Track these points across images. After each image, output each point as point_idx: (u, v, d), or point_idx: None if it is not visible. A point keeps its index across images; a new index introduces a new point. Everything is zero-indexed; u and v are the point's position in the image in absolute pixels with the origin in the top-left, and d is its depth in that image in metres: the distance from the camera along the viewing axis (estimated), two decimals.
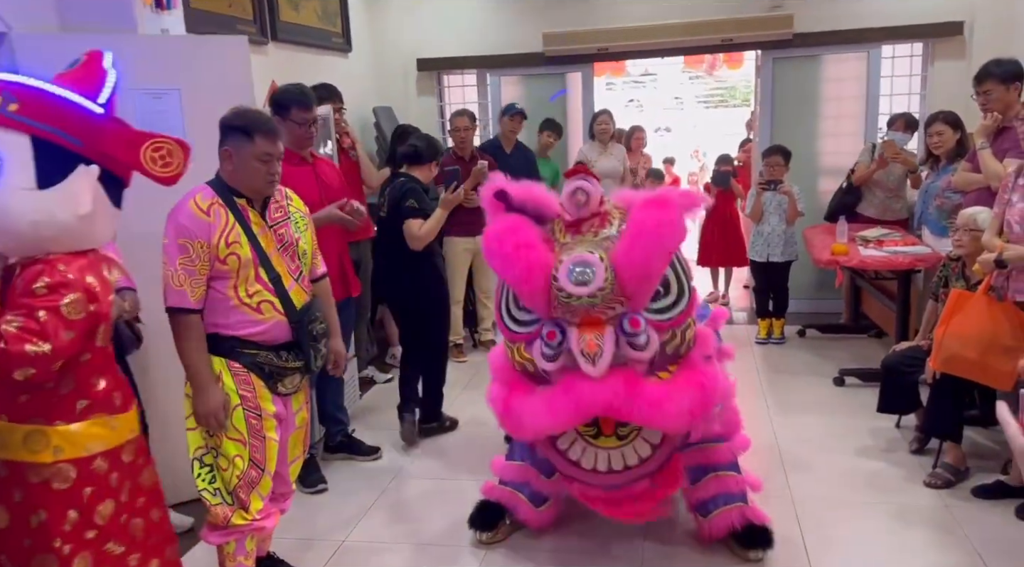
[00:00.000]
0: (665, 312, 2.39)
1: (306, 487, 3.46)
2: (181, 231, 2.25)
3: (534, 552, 2.92)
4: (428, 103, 6.51)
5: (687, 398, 2.34)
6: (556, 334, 2.35)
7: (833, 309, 5.85)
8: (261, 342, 2.36)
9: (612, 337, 2.32)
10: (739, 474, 2.85)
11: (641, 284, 2.32)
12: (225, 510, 2.35)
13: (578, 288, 2.26)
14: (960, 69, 5.38)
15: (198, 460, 2.36)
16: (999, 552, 2.77)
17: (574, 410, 2.34)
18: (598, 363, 2.29)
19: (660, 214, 2.31)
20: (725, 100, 14.02)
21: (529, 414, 2.40)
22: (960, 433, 3.35)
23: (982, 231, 3.16)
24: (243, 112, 2.38)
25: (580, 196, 2.40)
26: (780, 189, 5.18)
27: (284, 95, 3.34)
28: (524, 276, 2.34)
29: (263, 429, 2.36)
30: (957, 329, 3.03)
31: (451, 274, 5.14)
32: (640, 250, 2.29)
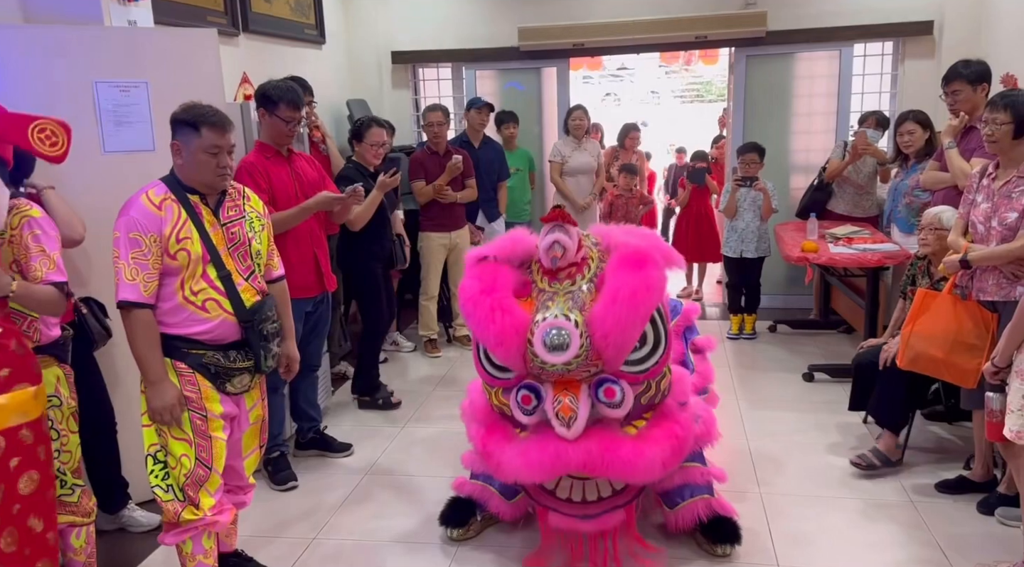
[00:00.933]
0: (640, 364, 2.40)
1: (277, 484, 3.45)
2: (132, 224, 2.23)
3: (505, 548, 2.93)
4: (403, 96, 6.48)
5: (660, 453, 2.37)
6: (531, 400, 2.39)
7: (804, 305, 5.93)
8: (207, 341, 2.33)
9: (587, 399, 2.34)
10: (704, 465, 2.88)
11: (617, 348, 2.32)
12: (176, 506, 2.34)
13: (553, 356, 2.28)
14: (930, 68, 5.46)
15: (152, 456, 2.36)
16: (960, 545, 2.83)
17: (549, 467, 2.37)
18: (572, 427, 2.32)
19: (637, 279, 2.30)
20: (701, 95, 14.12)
21: (506, 464, 2.44)
22: (902, 425, 3.44)
23: (946, 230, 3.21)
24: (191, 106, 2.35)
25: (557, 250, 2.39)
26: (756, 186, 5.22)
27: (275, 90, 3.31)
28: (499, 341, 2.35)
29: (208, 429, 2.34)
30: (923, 328, 3.08)
31: (426, 269, 5.15)
32: (615, 317, 2.28)
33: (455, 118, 6.13)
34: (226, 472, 2.48)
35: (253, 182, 3.25)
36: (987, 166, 2.96)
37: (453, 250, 5.12)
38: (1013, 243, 2.75)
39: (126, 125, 3.07)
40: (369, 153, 4.10)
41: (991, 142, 2.83)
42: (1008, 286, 2.81)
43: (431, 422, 4.15)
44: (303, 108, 3.37)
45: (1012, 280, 2.79)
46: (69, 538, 2.43)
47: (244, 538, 2.88)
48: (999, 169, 2.89)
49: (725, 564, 2.78)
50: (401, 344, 5.36)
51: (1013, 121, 2.75)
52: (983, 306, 2.93)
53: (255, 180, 3.26)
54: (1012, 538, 2.75)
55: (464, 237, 5.17)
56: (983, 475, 3.19)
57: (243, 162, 3.32)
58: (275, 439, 3.53)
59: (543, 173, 6.22)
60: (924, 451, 3.59)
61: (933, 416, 3.89)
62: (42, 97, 2.83)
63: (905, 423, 3.46)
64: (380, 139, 4.14)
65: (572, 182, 5.74)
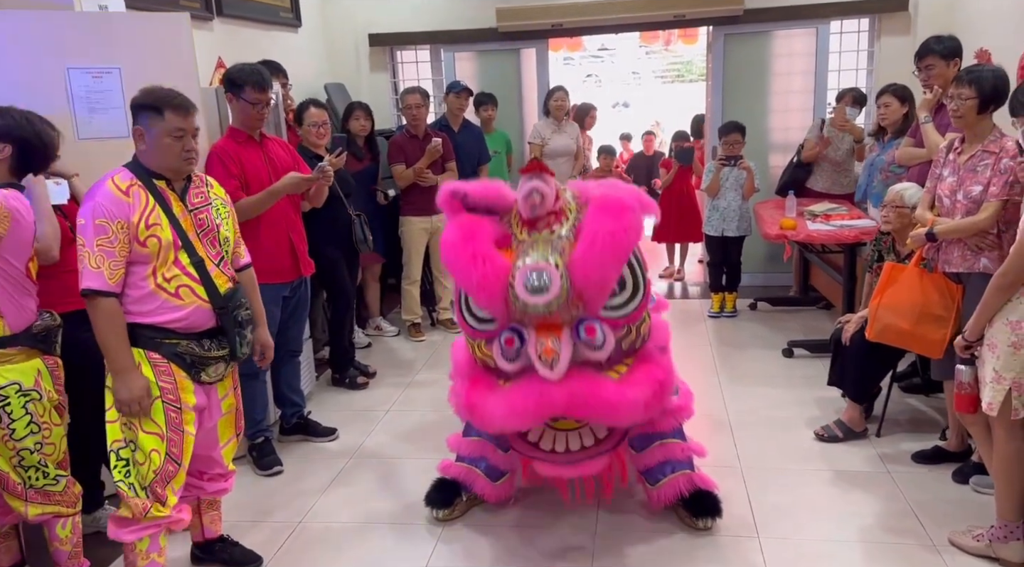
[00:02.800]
0: (620, 309, 2.43)
1: (262, 469, 3.46)
2: (99, 211, 2.19)
3: (490, 527, 2.96)
4: (381, 79, 6.44)
5: (641, 394, 2.41)
6: (514, 341, 2.40)
7: (783, 282, 5.99)
8: (181, 330, 2.30)
9: (569, 340, 2.36)
10: (684, 441, 2.93)
11: (597, 290, 2.36)
12: (143, 503, 2.29)
13: (534, 297, 2.29)
14: (905, 44, 5.49)
15: (115, 453, 2.30)
16: (936, 513, 2.90)
17: (533, 411, 2.39)
18: (555, 368, 2.34)
19: (615, 222, 2.33)
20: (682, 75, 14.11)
21: (490, 413, 2.45)
22: (868, 397, 3.52)
23: (908, 207, 3.27)
24: (152, 89, 2.32)
25: (535, 197, 2.41)
26: (741, 165, 5.25)
27: (239, 73, 3.28)
28: (481, 286, 2.36)
29: (182, 423, 2.32)
30: (890, 300, 3.14)
31: (408, 254, 5.14)
32: (595, 259, 2.31)
33: (434, 101, 6.10)
34: (204, 461, 2.49)
35: (224, 167, 3.22)
36: (954, 141, 3.00)
37: (435, 234, 5.11)
38: (977, 216, 2.80)
39: (100, 111, 3.04)
40: (312, 135, 4.05)
41: (957, 117, 2.86)
42: (972, 258, 2.86)
43: (416, 406, 4.17)
44: (270, 90, 3.34)
45: (976, 252, 2.85)
46: (55, 528, 2.43)
47: (229, 523, 2.89)
48: (965, 143, 2.93)
49: (707, 537, 2.83)
50: (384, 329, 5.36)
51: (977, 96, 2.78)
52: (948, 278, 2.99)
53: (226, 165, 3.24)
54: (986, 505, 2.81)
55: (445, 221, 5.14)
56: (958, 445, 3.25)
57: (214, 147, 3.29)
58: (259, 425, 3.54)
59: (522, 155, 6.21)
60: (900, 422, 3.66)
61: (910, 388, 3.96)
62: (14, 84, 2.80)
63: (872, 396, 3.53)
64: (319, 119, 4.08)
65: (552, 164, 5.72)
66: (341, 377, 4.46)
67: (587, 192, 2.52)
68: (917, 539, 2.76)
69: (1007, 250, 2.75)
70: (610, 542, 2.83)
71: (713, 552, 2.75)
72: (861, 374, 3.47)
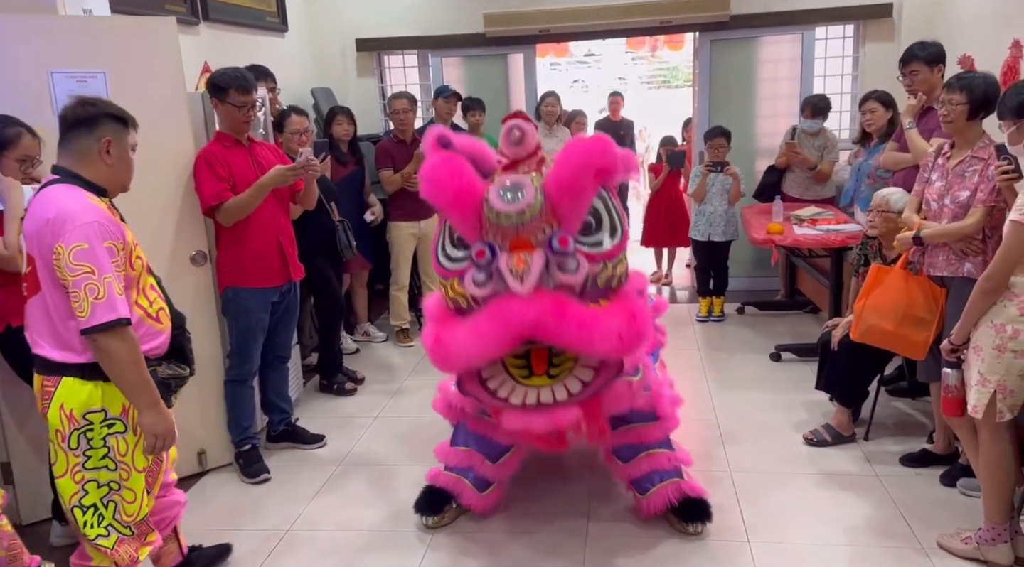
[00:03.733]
0: (597, 246, 2.40)
1: (249, 477, 3.43)
2: (103, 232, 2.02)
3: (480, 534, 2.95)
4: (368, 84, 6.43)
5: (616, 322, 2.29)
6: (485, 252, 2.31)
7: (770, 286, 6.01)
8: (154, 356, 2.18)
9: (541, 257, 2.30)
10: (671, 451, 2.92)
11: (571, 204, 2.32)
12: (128, 549, 2.18)
13: (507, 205, 2.27)
14: (889, 50, 5.54)
15: (78, 507, 2.13)
16: (925, 516, 2.91)
17: (502, 331, 2.26)
18: (526, 280, 2.25)
19: (591, 142, 2.38)
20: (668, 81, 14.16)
21: (456, 343, 2.33)
22: (856, 401, 3.54)
23: (894, 212, 3.30)
24: (103, 101, 2.19)
25: (516, 132, 2.43)
26: (727, 171, 5.28)
27: (222, 77, 3.26)
28: (456, 200, 2.33)
29: (164, 453, 2.22)
30: (875, 302, 3.17)
31: (396, 259, 5.13)
32: (569, 170, 2.31)
33: (422, 106, 6.09)
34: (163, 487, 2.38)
35: (211, 170, 3.21)
36: (943, 145, 3.03)
37: (423, 239, 5.10)
38: (963, 221, 2.82)
39: None
40: (293, 142, 4.02)
41: (947, 122, 2.89)
42: (957, 262, 2.88)
43: (404, 412, 4.15)
44: (254, 92, 3.32)
45: (961, 256, 2.87)
46: None
47: (215, 531, 2.87)
48: (954, 149, 2.95)
49: (697, 542, 2.82)
50: (373, 334, 5.34)
51: (968, 102, 2.81)
52: (933, 281, 3.01)
53: (214, 169, 3.22)
54: (973, 508, 2.82)
55: (433, 226, 5.13)
56: (945, 448, 3.27)
57: (201, 152, 3.28)
58: (245, 432, 3.51)
59: None
60: (888, 426, 3.67)
61: (897, 392, 3.98)
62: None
63: (860, 399, 3.55)
64: (300, 127, 4.06)
65: None
66: (329, 383, 4.44)
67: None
68: (906, 542, 2.77)
69: (991, 255, 2.77)
70: (600, 549, 2.82)
71: (703, 557, 2.74)
72: (849, 378, 3.49)
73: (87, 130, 2.12)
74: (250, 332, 3.41)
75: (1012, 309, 2.43)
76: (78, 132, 2.12)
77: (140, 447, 2.16)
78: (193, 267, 3.35)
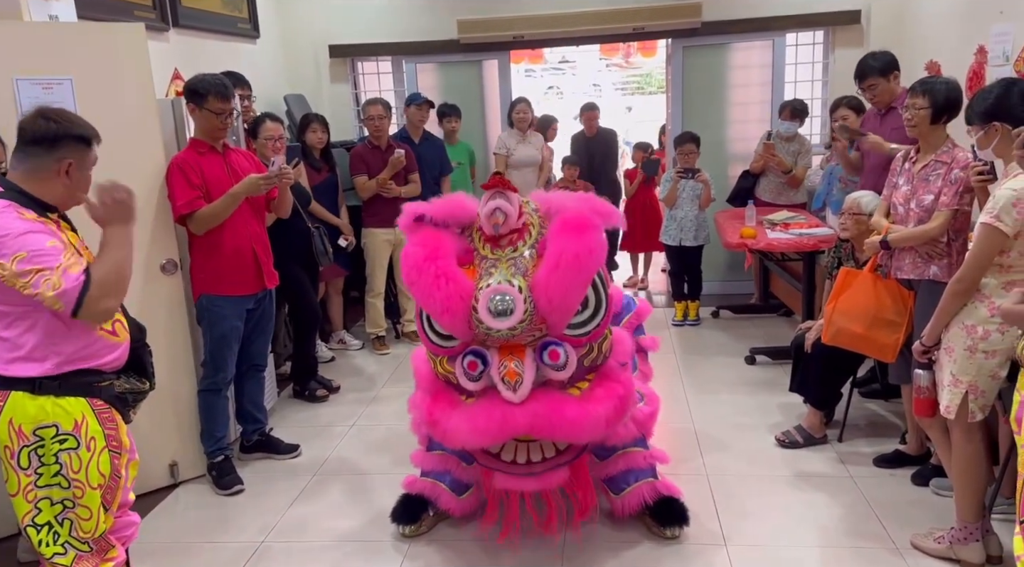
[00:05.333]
0: (582, 327, 2.42)
1: (222, 489, 3.39)
2: (44, 232, 1.98)
3: (457, 542, 2.93)
4: (342, 90, 6.39)
5: (603, 412, 2.41)
6: (477, 365, 2.39)
7: (745, 290, 6.06)
8: (111, 370, 2.14)
9: (532, 363, 2.36)
10: (646, 449, 2.94)
11: (560, 312, 2.35)
12: (90, 562, 2.12)
13: (497, 322, 2.29)
14: (858, 56, 5.47)
15: (32, 526, 2.07)
16: (898, 516, 2.94)
17: (496, 432, 2.39)
18: (519, 390, 2.34)
19: (579, 243, 2.30)
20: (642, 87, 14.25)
21: (453, 429, 2.44)
22: (828, 403, 3.57)
23: (865, 215, 3.34)
24: (69, 118, 2.08)
25: (498, 217, 2.40)
26: (698, 177, 5.32)
27: (201, 84, 3.22)
28: (445, 307, 2.33)
29: (121, 467, 2.16)
30: (844, 305, 3.21)
31: (371, 266, 5.10)
32: (558, 281, 2.29)
33: (396, 112, 6.07)
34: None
35: (184, 177, 3.18)
36: (909, 150, 3.07)
37: (398, 246, 5.06)
38: (928, 225, 2.86)
39: None
40: (267, 148, 3.97)
41: (911, 127, 2.93)
42: (923, 265, 2.92)
43: (380, 420, 4.12)
44: (233, 99, 3.30)
45: (927, 259, 2.92)
46: None
47: (185, 544, 2.82)
48: (919, 153, 2.99)
49: (674, 546, 2.83)
50: (349, 342, 5.30)
51: (931, 106, 2.85)
52: (901, 284, 3.05)
53: (187, 176, 3.19)
54: (946, 507, 2.85)
55: None
56: (917, 448, 3.31)
57: (175, 159, 3.24)
58: (219, 442, 3.46)
59: (485, 166, 6.20)
60: (861, 427, 3.71)
61: (869, 394, 4.02)
62: None
63: (833, 401, 3.59)
64: (275, 133, 4.01)
65: (517, 175, 5.73)
66: (302, 389, 4.41)
67: (549, 205, 2.51)
68: (880, 542, 2.80)
69: (956, 258, 2.82)
70: (576, 553, 2.81)
71: (680, 561, 2.75)
72: (821, 380, 3.52)
73: (46, 150, 2.04)
74: (224, 340, 3.36)
75: (983, 310, 2.47)
76: (36, 149, 2.04)
77: (94, 463, 2.09)
78: (164, 276, 3.30)
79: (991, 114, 2.41)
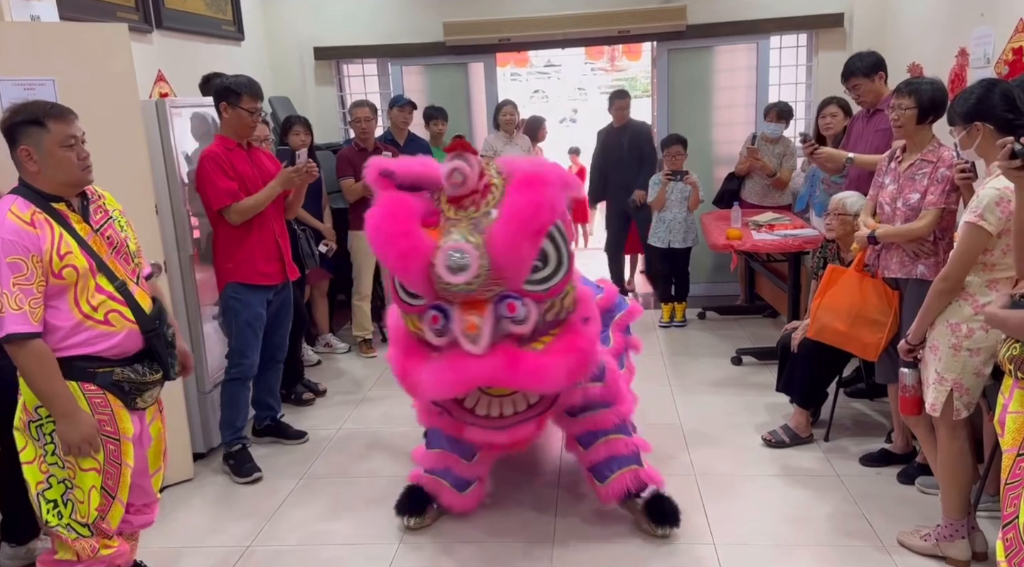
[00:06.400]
0: (543, 283, 2.43)
1: (240, 477, 3.50)
2: (8, 248, 2.03)
3: (447, 543, 2.92)
4: (327, 93, 6.37)
5: (565, 364, 2.45)
6: (440, 319, 2.42)
7: (731, 291, 6.09)
8: (114, 357, 2.18)
9: (492, 316, 2.38)
10: (628, 436, 2.96)
11: (515, 267, 2.37)
12: (89, 543, 2.19)
13: (454, 276, 2.32)
14: (841, 58, 5.55)
15: (40, 495, 2.16)
16: (885, 514, 2.96)
17: (459, 383, 2.43)
18: (479, 342, 2.37)
19: (533, 197, 2.35)
20: None
21: (420, 382, 2.49)
22: (814, 403, 3.60)
23: (850, 215, 3.37)
24: (22, 105, 2.16)
25: (457, 177, 2.42)
26: (687, 180, 5.34)
27: (236, 83, 3.37)
28: (403, 265, 2.39)
29: (120, 455, 2.21)
30: (829, 302, 3.24)
31: (357, 268, 5.08)
32: (512, 236, 2.33)
33: (382, 114, 6.05)
34: (135, 491, 2.35)
35: (220, 169, 3.32)
36: (895, 149, 3.09)
37: None
38: (915, 223, 2.88)
39: None
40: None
41: (897, 127, 2.95)
42: (910, 264, 2.94)
43: (367, 423, 4.10)
44: (263, 98, 3.46)
45: (914, 258, 2.94)
46: None
47: (174, 550, 2.79)
48: (905, 153, 3.02)
49: (663, 545, 2.83)
50: (335, 346, 5.27)
51: (916, 106, 2.87)
52: (887, 283, 3.07)
53: (222, 168, 3.33)
54: (932, 505, 2.88)
55: None
56: (903, 447, 3.33)
57: (206, 152, 3.37)
58: (238, 432, 3.57)
59: None
60: (847, 426, 3.74)
61: (855, 393, 4.05)
62: None
63: (819, 401, 3.61)
64: (261, 134, 3.97)
65: None
66: (288, 393, 4.38)
67: (511, 167, 2.53)
68: (868, 540, 2.81)
69: (943, 257, 2.84)
70: (566, 550, 2.81)
71: (670, 559, 2.75)
72: (807, 380, 3.53)
73: (10, 143, 2.15)
74: (250, 327, 3.47)
75: (967, 308, 2.49)
76: (9, 146, 2.16)
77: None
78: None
79: (973, 115, 2.43)
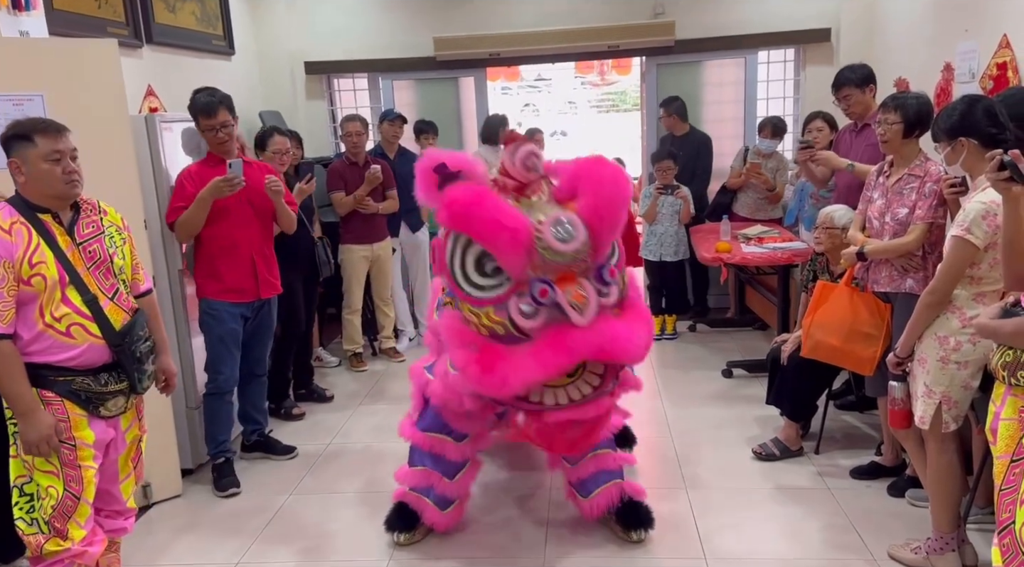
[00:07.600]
0: (612, 257, 2.52)
1: (219, 491, 3.48)
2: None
3: (437, 558, 2.90)
4: (318, 107, 6.38)
5: (644, 332, 2.50)
6: (548, 291, 2.36)
7: (721, 304, 6.10)
8: (75, 367, 2.24)
9: (593, 289, 2.41)
10: (615, 451, 2.99)
11: (610, 235, 2.46)
12: (39, 538, 2.23)
13: (564, 245, 2.34)
14: (829, 73, 5.61)
15: (18, 488, 2.25)
16: (875, 527, 2.96)
17: (566, 358, 2.37)
18: (586, 312, 2.36)
19: (609, 168, 2.46)
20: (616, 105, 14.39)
21: (515, 370, 2.37)
22: (804, 416, 3.61)
23: (838, 228, 3.39)
24: (16, 121, 2.28)
25: (533, 160, 2.47)
26: (678, 194, 5.37)
27: (192, 105, 3.46)
28: (511, 237, 2.33)
29: (77, 459, 2.25)
30: (822, 318, 3.24)
31: (348, 282, 5.07)
32: (606, 203, 2.40)
33: (373, 129, 6.06)
34: (101, 496, 2.37)
35: (180, 189, 3.39)
36: (883, 164, 3.12)
37: (375, 262, 5.06)
38: (904, 238, 2.90)
39: None
40: (273, 162, 4.01)
41: (884, 142, 2.97)
42: (899, 278, 2.96)
43: (358, 437, 4.08)
44: (216, 115, 3.41)
45: (902, 272, 2.95)
46: None
47: (171, 550, 2.77)
48: (893, 167, 3.04)
49: (655, 559, 2.82)
50: (325, 359, 5.26)
51: (903, 121, 2.90)
52: (878, 297, 3.09)
53: (183, 187, 3.38)
54: (922, 518, 2.88)
55: (386, 249, 5.12)
56: (893, 460, 3.34)
57: (181, 171, 3.44)
58: (220, 445, 3.56)
59: None
60: (837, 439, 3.74)
61: (845, 406, 4.06)
62: None
63: (808, 414, 3.62)
64: (283, 147, 4.11)
65: None
66: (277, 408, 4.37)
67: (548, 165, 2.58)
68: (858, 553, 2.81)
69: (932, 271, 2.85)
70: (559, 565, 2.80)
71: None
72: (797, 392, 3.54)
73: (6, 155, 2.26)
74: (223, 342, 3.49)
75: (955, 322, 2.50)
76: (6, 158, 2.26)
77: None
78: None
79: (957, 130, 2.45)
